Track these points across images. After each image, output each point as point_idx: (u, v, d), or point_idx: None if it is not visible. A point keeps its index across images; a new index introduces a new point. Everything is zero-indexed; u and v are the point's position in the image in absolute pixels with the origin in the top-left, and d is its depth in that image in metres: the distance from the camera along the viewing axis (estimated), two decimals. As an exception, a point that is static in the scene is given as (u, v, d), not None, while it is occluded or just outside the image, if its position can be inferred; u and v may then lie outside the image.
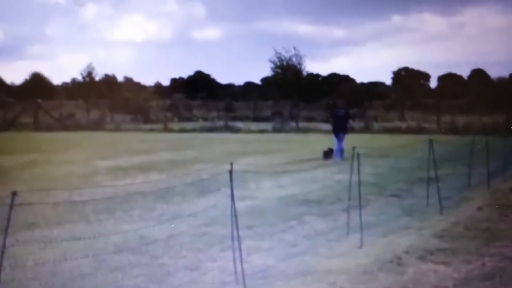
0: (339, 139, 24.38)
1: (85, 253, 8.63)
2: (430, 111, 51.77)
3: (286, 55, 69.71)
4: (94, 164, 21.87)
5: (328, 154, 23.84)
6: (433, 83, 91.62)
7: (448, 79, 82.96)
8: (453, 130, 40.01)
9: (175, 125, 50.51)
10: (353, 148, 10.66)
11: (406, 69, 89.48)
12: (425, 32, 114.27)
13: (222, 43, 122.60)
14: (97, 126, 48.88)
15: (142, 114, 57.32)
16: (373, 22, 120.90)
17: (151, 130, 47.19)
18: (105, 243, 9.59)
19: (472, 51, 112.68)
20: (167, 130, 47.41)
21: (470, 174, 16.20)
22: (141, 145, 31.10)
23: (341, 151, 23.79)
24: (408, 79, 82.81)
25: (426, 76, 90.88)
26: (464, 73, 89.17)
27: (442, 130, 40.18)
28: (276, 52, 69.61)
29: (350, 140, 22.34)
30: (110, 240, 9.70)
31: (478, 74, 78.37)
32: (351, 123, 27.30)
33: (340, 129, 24.73)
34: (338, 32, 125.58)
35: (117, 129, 48.07)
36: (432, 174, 13.49)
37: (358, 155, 10.59)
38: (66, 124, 48.93)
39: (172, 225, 10.62)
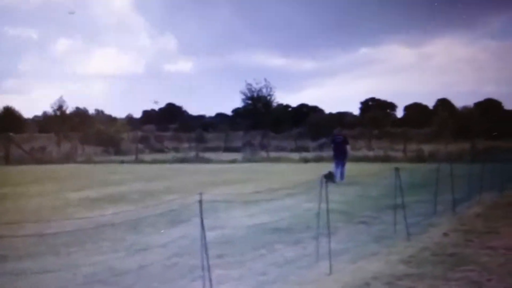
0: (339, 163, 26.36)
1: (55, 285, 8.69)
2: (396, 140, 52.42)
3: (256, 86, 70.34)
4: (65, 196, 21.82)
5: (328, 176, 24.21)
6: (399, 113, 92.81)
7: (414, 109, 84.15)
8: (419, 158, 40.50)
9: (147, 157, 50.44)
10: (321, 176, 10.84)
11: (373, 99, 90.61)
12: (392, 63, 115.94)
13: (194, 76, 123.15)
14: (68, 158, 48.65)
15: (113, 146, 57.23)
16: (342, 54, 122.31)
17: (123, 161, 47.06)
18: (74, 275, 9.63)
19: (437, 81, 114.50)
20: (139, 161, 47.33)
21: (436, 200, 16.41)
22: (112, 177, 31.04)
23: (342, 174, 25.90)
24: (375, 109, 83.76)
25: (392, 106, 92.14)
26: (430, 102, 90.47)
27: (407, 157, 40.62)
28: (247, 84, 70.34)
29: (318, 168, 22.60)
30: (80, 272, 9.76)
31: (443, 104, 79.51)
32: (349, 148, 28.71)
33: (339, 154, 26.72)
34: (307, 64, 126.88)
35: (88, 161, 47.83)
36: (399, 201, 13.68)
37: (327, 184, 10.77)
38: (37, 157, 48.62)
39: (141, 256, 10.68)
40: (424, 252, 11.72)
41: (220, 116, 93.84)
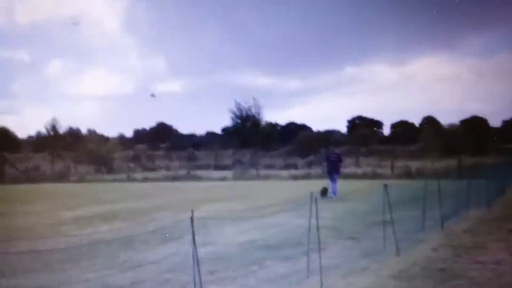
0: (333, 180, 27.41)
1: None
2: (384, 157, 52.70)
3: (245, 105, 70.63)
4: (59, 214, 21.93)
5: (324, 192, 26.26)
6: (386, 131, 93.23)
7: (401, 127, 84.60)
8: (406, 174, 40.79)
9: (138, 175, 50.52)
10: (311, 193, 10.99)
11: (360, 118, 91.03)
12: (377, 82, 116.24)
13: (184, 95, 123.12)
14: (61, 177, 48.80)
15: (105, 165, 57.35)
16: (327, 73, 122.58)
17: (115, 180, 47.17)
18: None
19: (422, 99, 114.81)
20: (130, 180, 47.43)
21: (424, 216, 16.57)
22: (105, 195, 31.11)
23: (334, 190, 26.88)
24: (362, 127, 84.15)
25: (379, 124, 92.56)
26: (416, 120, 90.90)
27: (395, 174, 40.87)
28: (236, 103, 70.60)
29: (307, 185, 22.78)
30: (75, 288, 9.87)
31: (429, 121, 79.94)
32: (342, 166, 30.48)
33: (333, 171, 27.76)
34: (294, 83, 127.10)
35: (81, 180, 47.98)
36: (387, 217, 13.85)
37: (316, 200, 10.91)
38: (31, 176, 48.68)
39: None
40: (413, 267, 11.85)
41: (210, 134, 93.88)
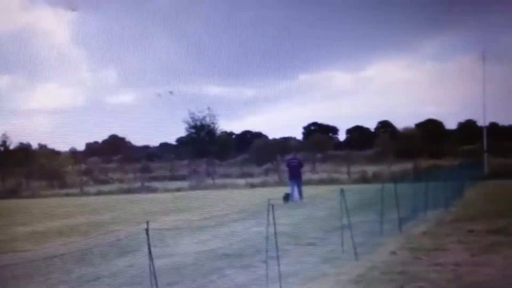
0: (296, 184, 28.70)
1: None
2: (340, 163, 52.96)
3: (199, 115, 70.15)
4: (11, 230, 21.43)
5: (286, 198, 27.28)
6: (342, 136, 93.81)
7: (356, 132, 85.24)
8: (363, 179, 41.11)
9: (92, 189, 49.88)
10: (268, 200, 10.88)
11: (315, 124, 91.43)
12: (332, 88, 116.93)
13: (136, 107, 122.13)
14: (13, 193, 47.88)
15: (57, 179, 56.51)
16: (281, 81, 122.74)
17: (67, 194, 46.48)
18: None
19: (377, 104, 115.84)
20: (84, 194, 46.80)
21: (382, 220, 16.59)
22: (58, 210, 30.62)
23: (300, 194, 28.25)
24: (318, 133, 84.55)
25: (334, 130, 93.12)
26: (371, 125, 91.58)
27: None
28: (190, 113, 69.97)
29: (266, 193, 22.74)
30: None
31: (385, 126, 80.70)
32: (303, 171, 32.45)
33: (295, 176, 29.14)
34: (248, 92, 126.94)
35: (34, 195, 47.10)
36: (345, 222, 13.82)
37: (273, 207, 10.79)
38: (-18, 193, 47.71)
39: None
40: (373, 271, 11.83)
41: (164, 145, 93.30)
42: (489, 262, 12.27)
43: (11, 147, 73.68)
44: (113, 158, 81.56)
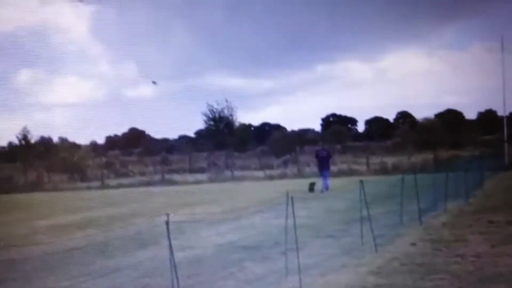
0: (324, 175, 29.08)
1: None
2: (359, 154, 52.75)
3: (218, 107, 70.16)
4: (33, 224, 21.55)
5: (311, 188, 28.02)
6: (361, 127, 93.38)
7: (375, 123, 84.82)
8: (382, 170, 40.85)
9: (112, 182, 50.01)
10: (287, 193, 10.88)
11: (334, 115, 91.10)
12: (350, 79, 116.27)
13: (155, 100, 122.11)
14: (35, 187, 48.10)
15: (78, 172, 56.72)
16: (299, 72, 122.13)
17: (88, 188, 46.70)
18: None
19: (396, 94, 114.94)
20: (105, 187, 46.96)
21: (402, 211, 16.52)
22: (79, 203, 30.75)
23: (326, 185, 28.51)
24: (336, 125, 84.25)
25: (353, 121, 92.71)
26: (390, 116, 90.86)
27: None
28: (208, 105, 69.97)
29: (283, 185, 22.74)
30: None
31: (404, 116, 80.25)
32: (331, 162, 32.33)
33: (324, 167, 29.50)
34: (267, 83, 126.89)
35: (55, 189, 47.33)
36: (365, 213, 13.80)
37: (292, 200, 10.80)
38: (4, 187, 47.97)
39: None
40: (392, 263, 11.80)
41: (183, 138, 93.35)
42: (510, 253, 12.20)
43: (32, 141, 74.22)
44: (133, 151, 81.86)
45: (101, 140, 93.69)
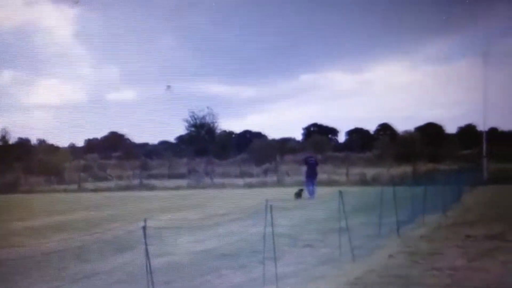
0: (312, 182, 30.31)
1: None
2: (339, 164, 52.86)
3: (199, 114, 70.09)
4: (9, 225, 21.34)
5: (299, 194, 29.25)
6: (341, 138, 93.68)
7: (356, 134, 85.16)
8: (362, 181, 40.97)
9: (90, 185, 49.77)
10: (266, 201, 10.84)
11: (315, 125, 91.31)
12: (333, 89, 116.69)
13: (136, 104, 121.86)
14: (11, 188, 47.69)
15: (56, 175, 56.33)
16: (282, 81, 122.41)
17: (66, 190, 46.40)
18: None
19: (378, 106, 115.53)
20: (82, 190, 46.68)
21: (381, 223, 16.53)
22: (56, 206, 30.51)
23: (313, 191, 29.83)
24: (317, 134, 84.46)
25: (334, 131, 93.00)
26: (371, 127, 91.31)
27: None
28: (190, 112, 69.88)
29: (263, 193, 22.73)
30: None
31: (384, 128, 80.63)
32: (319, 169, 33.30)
33: (312, 174, 30.98)
34: (249, 91, 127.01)
35: (32, 190, 46.93)
36: (343, 224, 13.78)
37: (271, 208, 10.76)
38: (-20, 188, 47.56)
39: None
40: (370, 274, 11.80)
41: (163, 143, 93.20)
42: (486, 267, 12.24)
43: (10, 142, 73.61)
44: (112, 155, 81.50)
45: (80, 143, 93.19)
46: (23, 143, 75.06)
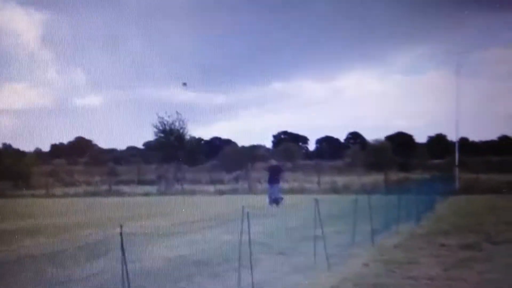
0: (275, 189, 29.89)
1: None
2: (310, 172, 52.98)
3: (168, 119, 69.72)
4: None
5: (276, 201, 28.92)
6: (311, 146, 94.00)
7: (326, 142, 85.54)
8: (333, 189, 40.93)
9: (58, 190, 49.22)
10: (243, 208, 10.73)
11: (285, 133, 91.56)
12: (303, 97, 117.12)
13: (104, 109, 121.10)
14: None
15: (22, 180, 55.59)
16: (252, 88, 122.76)
17: (33, 195, 45.79)
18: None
19: (348, 115, 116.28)
20: (49, 195, 46.09)
21: (354, 231, 16.48)
22: (24, 210, 30.06)
23: (279, 199, 29.22)
24: (287, 142, 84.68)
25: (304, 139, 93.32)
26: (341, 136, 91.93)
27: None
28: (159, 117, 69.48)
29: (234, 200, 22.62)
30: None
31: (354, 137, 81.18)
32: (284, 175, 33.60)
33: (274, 181, 30.11)
34: (218, 98, 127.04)
35: (-1, 195, 46.18)
36: (318, 232, 13.70)
37: (248, 215, 10.65)
38: None
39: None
40: (345, 283, 11.74)
41: (131, 149, 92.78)
42: (463, 277, 12.22)
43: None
44: (79, 160, 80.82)
45: (46, 148, 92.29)
46: (-12, 148, 74.06)
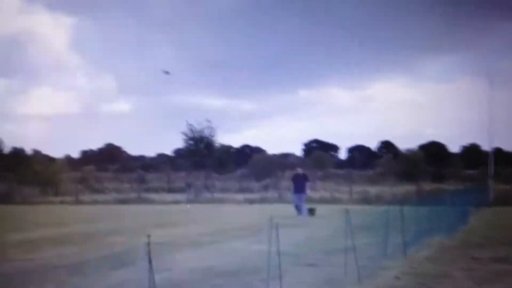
0: (301, 200, 29.22)
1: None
2: (341, 182, 52.66)
3: (198, 127, 69.85)
4: (3, 238, 20.91)
5: (312, 211, 29.13)
6: (342, 155, 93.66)
7: (357, 151, 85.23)
8: (365, 200, 40.46)
9: (87, 198, 49.42)
10: (271, 218, 10.54)
11: (316, 141, 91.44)
12: (333, 105, 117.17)
13: (133, 116, 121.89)
14: (4, 199, 47.14)
15: (51, 186, 55.82)
16: (282, 96, 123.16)
17: (62, 202, 46.01)
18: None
19: (379, 123, 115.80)
20: (79, 202, 46.28)
21: (386, 243, 16.19)
22: (52, 218, 30.15)
23: (301, 209, 28.65)
24: (318, 151, 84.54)
25: (335, 148, 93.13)
26: (372, 144, 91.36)
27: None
28: (188, 124, 69.68)
29: (264, 210, 22.44)
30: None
31: (387, 146, 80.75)
32: (309, 184, 31.95)
33: (299, 190, 29.39)
34: (248, 105, 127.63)
35: (26, 202, 46.38)
36: (348, 243, 13.45)
37: (277, 226, 10.46)
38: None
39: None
40: (377, 296, 11.48)
41: (160, 156, 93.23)
42: (495, 291, 11.93)
43: (4, 151, 73.26)
44: (109, 167, 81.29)
45: (75, 154, 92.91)
46: (17, 152, 74.73)
